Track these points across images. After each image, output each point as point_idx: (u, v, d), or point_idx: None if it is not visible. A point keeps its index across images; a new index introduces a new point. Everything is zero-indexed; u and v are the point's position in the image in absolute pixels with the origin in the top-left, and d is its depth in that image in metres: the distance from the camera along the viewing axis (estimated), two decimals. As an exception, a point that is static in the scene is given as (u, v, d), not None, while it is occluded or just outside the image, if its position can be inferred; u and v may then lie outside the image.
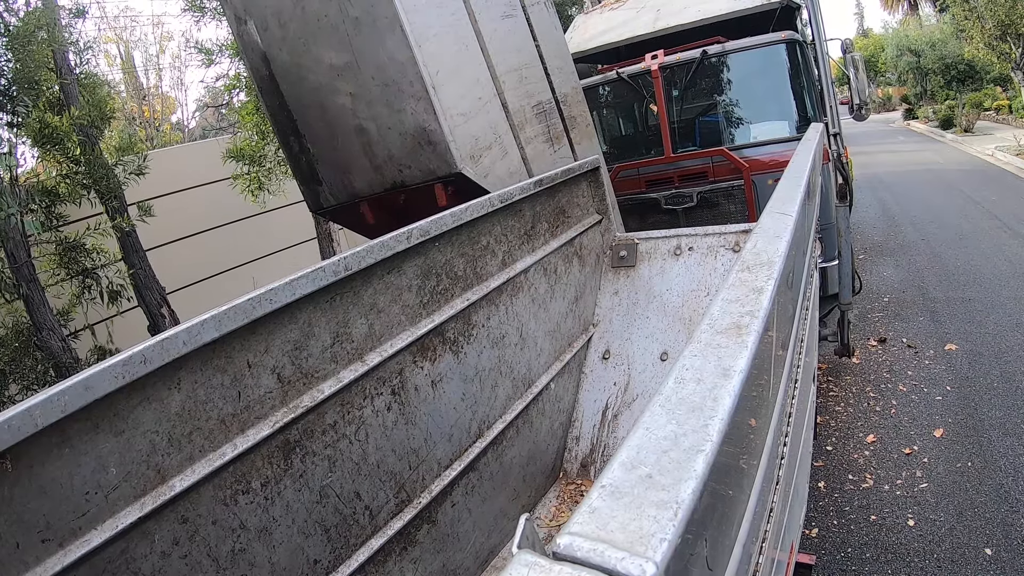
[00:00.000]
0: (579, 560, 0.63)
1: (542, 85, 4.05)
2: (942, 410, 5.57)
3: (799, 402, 2.20)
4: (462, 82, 3.45)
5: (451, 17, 3.47)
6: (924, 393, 5.92)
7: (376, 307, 2.42)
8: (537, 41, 4.09)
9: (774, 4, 5.91)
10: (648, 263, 3.80)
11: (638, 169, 6.28)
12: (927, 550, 4.06)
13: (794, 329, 2.06)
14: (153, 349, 1.70)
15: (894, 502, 4.55)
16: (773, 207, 2.07)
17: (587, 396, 3.68)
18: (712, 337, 1.08)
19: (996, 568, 3.80)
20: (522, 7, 4.02)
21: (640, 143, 6.73)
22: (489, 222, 3.00)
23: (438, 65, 3.30)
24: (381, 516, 2.43)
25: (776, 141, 5.83)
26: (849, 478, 4.92)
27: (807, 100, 5.94)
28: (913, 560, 4.01)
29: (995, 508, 4.26)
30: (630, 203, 6.13)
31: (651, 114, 6.36)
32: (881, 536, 4.27)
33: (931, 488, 4.60)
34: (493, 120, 3.59)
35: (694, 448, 0.78)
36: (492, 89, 3.66)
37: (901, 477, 4.81)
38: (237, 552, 1.93)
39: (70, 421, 1.56)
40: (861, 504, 4.60)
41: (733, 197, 5.89)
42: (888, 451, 5.17)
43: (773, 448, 1.46)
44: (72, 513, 1.58)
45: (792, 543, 2.41)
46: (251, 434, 1.98)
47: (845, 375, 6.60)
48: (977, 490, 4.48)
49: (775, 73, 5.98)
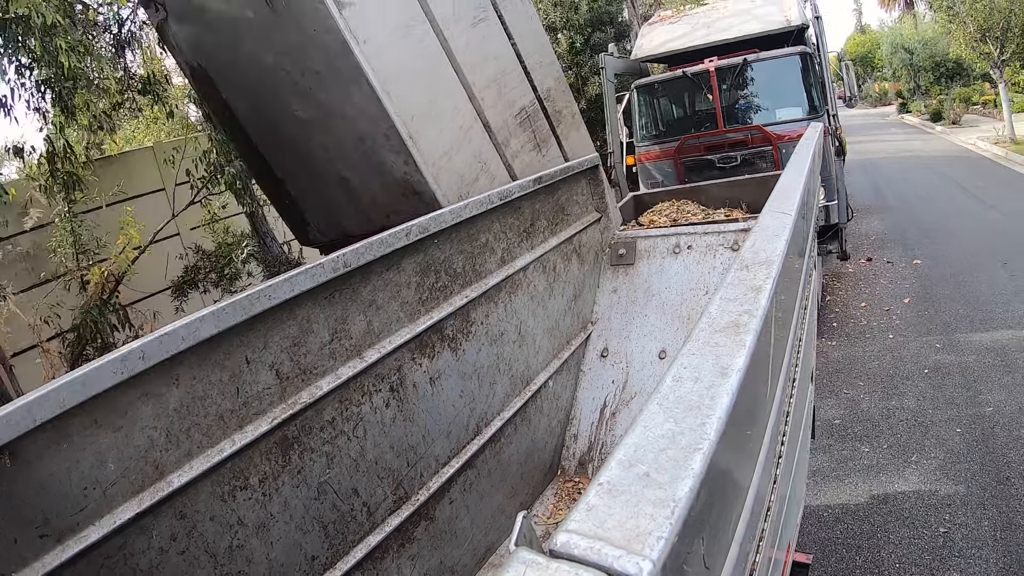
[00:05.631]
0: (576, 558, 0.63)
1: (523, 88, 3.85)
2: (909, 291, 8.95)
3: (797, 401, 2.20)
4: (440, 118, 3.24)
5: (418, 45, 3.24)
6: (898, 284, 9.35)
7: (375, 304, 2.42)
8: (513, 40, 3.84)
9: (791, 27, 9.14)
10: (647, 261, 3.80)
11: (699, 139, 9.33)
12: (899, 343, 7.47)
13: (792, 328, 2.06)
14: (151, 345, 1.70)
15: (879, 328, 8.01)
16: (772, 206, 2.08)
17: (585, 394, 3.68)
18: (710, 336, 1.08)
19: (945, 351, 7.02)
20: (493, 5, 3.74)
21: (699, 121, 9.76)
22: (488, 219, 3.00)
23: (412, 109, 3.08)
24: (379, 513, 2.43)
25: (793, 120, 8.84)
26: (851, 321, 8.36)
27: (814, 93, 8.93)
28: (891, 344, 7.47)
29: (943, 329, 7.56)
30: (693, 162, 9.30)
31: (708, 101, 9.41)
32: (874, 342, 7.65)
33: (901, 323, 8.02)
34: (476, 148, 3.42)
35: (691, 447, 0.78)
36: (471, 112, 3.45)
37: (882, 319, 8.24)
38: (235, 548, 1.93)
39: (68, 417, 1.56)
40: (860, 330, 8.07)
41: (764, 158, 8.76)
42: (874, 310, 8.61)
43: (771, 447, 1.46)
44: (70, 509, 1.58)
45: (789, 542, 2.41)
46: (249, 430, 1.98)
47: (845, 277, 10.03)
48: (931, 321, 7.87)
49: (792, 74, 9.01)
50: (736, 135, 8.99)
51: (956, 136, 22.86)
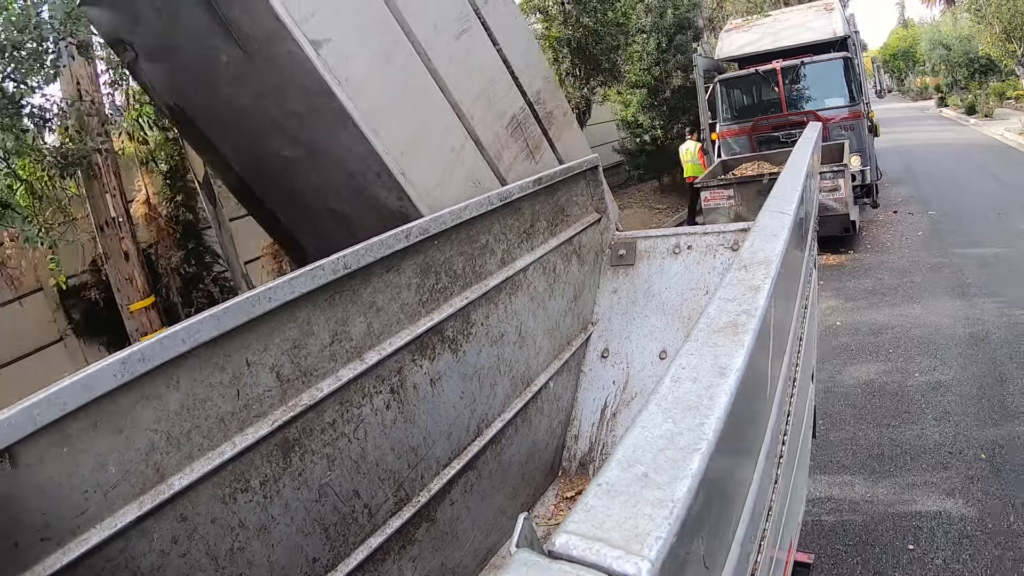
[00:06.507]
0: (575, 559, 0.63)
1: (512, 94, 3.73)
2: (922, 229, 11.94)
3: (798, 400, 2.20)
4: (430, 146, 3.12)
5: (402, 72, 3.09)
6: (915, 226, 12.29)
7: (375, 305, 2.42)
8: (498, 45, 3.70)
9: (836, 38, 12.85)
10: (647, 262, 3.79)
11: (768, 120, 13.00)
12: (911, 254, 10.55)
13: (792, 327, 2.06)
14: (152, 347, 1.70)
15: (898, 247, 11.07)
16: (771, 206, 2.08)
17: (586, 395, 3.68)
18: (709, 336, 1.08)
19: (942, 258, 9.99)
20: (475, 12, 3.58)
21: (766, 107, 13.36)
22: (488, 221, 2.99)
23: (401, 144, 2.95)
24: (380, 515, 2.43)
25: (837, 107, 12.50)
26: (880, 245, 11.40)
27: (853, 87, 12.52)
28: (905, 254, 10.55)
29: (942, 248, 10.48)
30: (763, 137, 12.99)
31: (773, 92, 12.99)
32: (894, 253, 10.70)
33: (914, 245, 11.02)
34: (469, 168, 3.32)
35: (690, 447, 0.78)
36: (462, 132, 3.33)
37: (902, 243, 11.28)
38: (236, 550, 1.94)
39: (69, 419, 1.56)
40: (886, 248, 11.15)
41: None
42: (896, 239, 11.57)
43: (771, 446, 1.46)
44: (71, 512, 1.58)
45: (791, 541, 2.41)
46: (250, 432, 1.98)
47: (877, 223, 12.88)
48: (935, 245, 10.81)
49: (837, 73, 12.52)
50: (795, 117, 12.48)
51: (986, 128, 24.94)
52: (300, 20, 2.72)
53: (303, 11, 2.74)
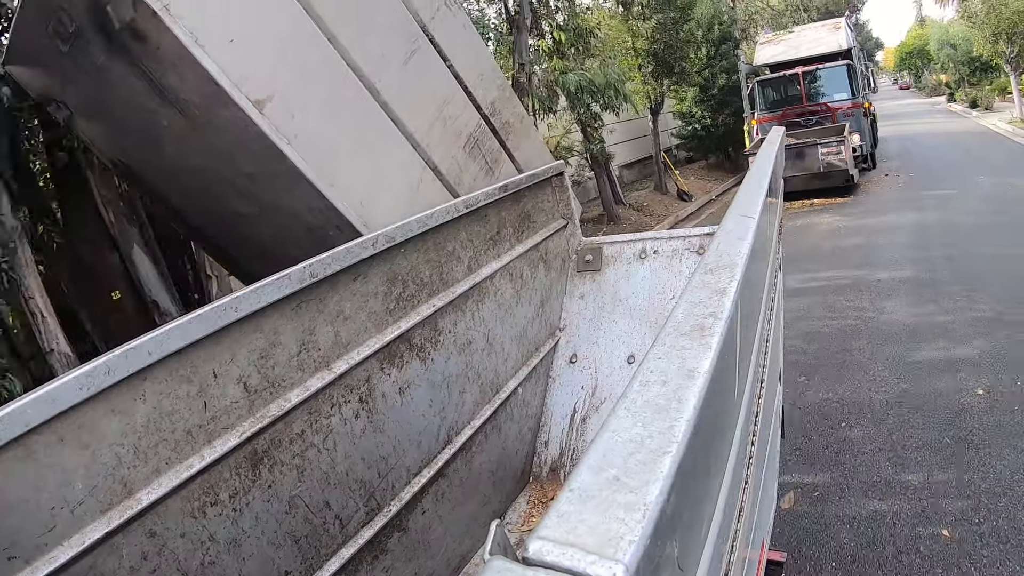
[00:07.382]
0: (549, 564, 0.63)
1: (468, 112, 3.64)
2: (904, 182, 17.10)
3: (766, 401, 2.23)
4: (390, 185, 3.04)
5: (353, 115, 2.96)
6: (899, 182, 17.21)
7: (342, 314, 2.41)
8: (449, 61, 3.60)
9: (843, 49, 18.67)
10: (613, 267, 3.82)
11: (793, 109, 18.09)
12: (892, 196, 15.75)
13: (759, 329, 2.09)
14: (117, 360, 1.67)
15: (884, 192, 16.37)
16: (736, 209, 2.10)
17: (555, 400, 3.69)
18: (676, 339, 1.09)
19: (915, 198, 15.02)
20: (423, 30, 3.47)
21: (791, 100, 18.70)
22: (454, 228, 2.99)
23: (360, 192, 2.86)
24: (351, 525, 2.42)
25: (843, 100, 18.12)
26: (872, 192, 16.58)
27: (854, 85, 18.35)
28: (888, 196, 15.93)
29: (917, 192, 15.67)
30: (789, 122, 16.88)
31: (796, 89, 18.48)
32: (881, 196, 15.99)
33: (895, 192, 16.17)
34: (430, 200, 3.23)
35: (660, 450, 0.79)
36: (420, 164, 3.26)
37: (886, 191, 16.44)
38: (207, 565, 1.91)
39: (34, 435, 1.53)
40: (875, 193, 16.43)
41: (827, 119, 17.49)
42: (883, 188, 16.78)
43: (741, 448, 1.48)
44: (38, 529, 1.55)
45: (763, 541, 2.43)
46: (218, 445, 1.95)
47: (872, 182, 17.62)
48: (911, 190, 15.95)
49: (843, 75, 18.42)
50: (813, 107, 18.08)
51: (984, 119, 29.46)
52: (239, 81, 2.58)
53: (241, 71, 2.59)
